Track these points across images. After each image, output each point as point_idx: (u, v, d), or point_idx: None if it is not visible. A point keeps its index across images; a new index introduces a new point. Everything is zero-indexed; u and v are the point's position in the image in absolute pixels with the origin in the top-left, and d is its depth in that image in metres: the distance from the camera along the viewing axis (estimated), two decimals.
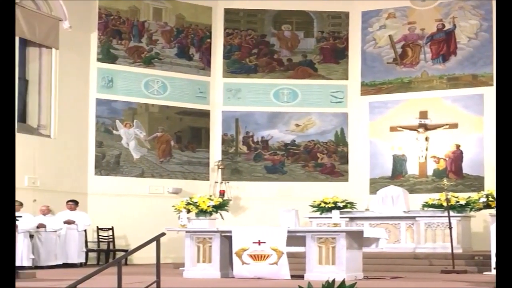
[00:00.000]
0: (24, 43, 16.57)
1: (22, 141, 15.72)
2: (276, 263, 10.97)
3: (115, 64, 18.14)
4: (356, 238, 11.11)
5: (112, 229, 17.14)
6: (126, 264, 15.58)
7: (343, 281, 5.66)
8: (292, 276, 10.90)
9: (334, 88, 19.48)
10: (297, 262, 11.45)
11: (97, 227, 16.99)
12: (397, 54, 19.16)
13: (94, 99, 17.79)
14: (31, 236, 14.64)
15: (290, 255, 11.13)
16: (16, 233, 11.39)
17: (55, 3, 16.89)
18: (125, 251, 16.30)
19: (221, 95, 19.34)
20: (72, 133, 17.10)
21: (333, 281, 5.65)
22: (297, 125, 19.36)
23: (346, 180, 19.03)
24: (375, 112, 19.03)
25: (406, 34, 19.16)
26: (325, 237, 10.87)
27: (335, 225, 11.30)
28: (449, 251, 12.99)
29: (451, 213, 13.75)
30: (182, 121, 18.85)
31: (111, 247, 17.01)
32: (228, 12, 19.56)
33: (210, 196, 15.28)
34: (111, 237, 17.11)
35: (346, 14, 19.62)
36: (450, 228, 13.14)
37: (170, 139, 18.65)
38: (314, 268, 10.78)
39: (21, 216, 12.01)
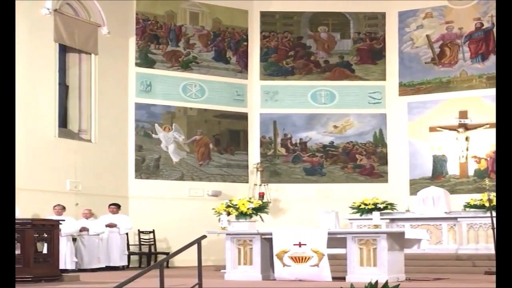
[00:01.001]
0: (64, 49, 16.79)
1: (63, 146, 15.98)
2: (317, 265, 10.94)
3: (153, 68, 18.30)
4: (397, 240, 11.04)
5: (153, 232, 17.28)
6: (167, 266, 15.70)
7: (386, 283, 5.63)
8: (334, 278, 10.87)
9: (372, 89, 19.41)
10: (338, 264, 11.42)
11: (139, 230, 17.14)
12: (435, 53, 19.02)
13: (133, 104, 17.96)
14: (74, 240, 14.86)
15: (331, 257, 11.10)
16: (60, 237, 11.50)
17: (93, 10, 17.09)
18: (166, 253, 16.43)
19: (259, 97, 19.38)
20: (112, 137, 17.27)
21: (376, 282, 5.62)
22: (335, 127, 19.31)
23: (386, 181, 18.94)
24: (414, 113, 18.91)
25: (443, 33, 19.01)
26: (366, 238, 10.81)
27: (376, 226, 11.27)
28: (493, 252, 12.84)
29: (494, 214, 13.59)
30: (220, 124, 18.93)
31: (152, 250, 17.14)
32: (264, 15, 19.61)
33: (250, 198, 15.30)
34: (152, 240, 17.24)
35: (383, 15, 19.53)
36: (493, 228, 12.99)
37: (209, 142, 18.75)
38: (355, 269, 10.73)
39: (64, 220, 12.17)
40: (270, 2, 19.52)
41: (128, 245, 16.43)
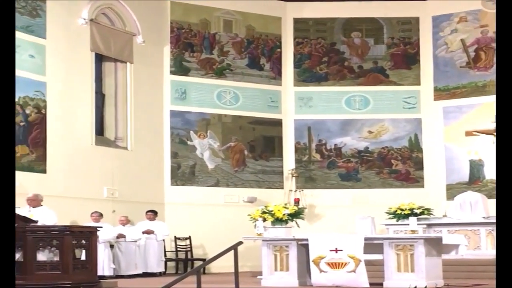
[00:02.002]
0: (100, 58, 16.97)
1: (100, 153, 16.14)
2: (354, 271, 10.91)
3: (188, 76, 18.43)
4: (435, 245, 10.96)
5: (189, 238, 17.37)
6: (204, 273, 15.75)
7: None
8: (371, 284, 10.83)
9: (407, 94, 19.32)
10: (374, 270, 11.36)
11: (175, 236, 17.24)
12: (470, 58, 18.87)
13: (168, 111, 18.09)
14: (112, 246, 14.96)
15: (368, 263, 11.05)
16: (97, 243, 11.61)
17: (129, 19, 17.28)
18: (203, 260, 16.49)
19: (293, 103, 19.40)
20: (148, 145, 17.41)
21: None
22: (370, 132, 19.25)
23: (422, 186, 18.82)
24: (450, 117, 18.78)
25: (478, 37, 18.86)
26: (403, 244, 10.76)
27: (413, 232, 11.19)
28: None
29: None
30: (255, 131, 18.98)
31: (189, 256, 17.23)
32: (297, 21, 19.63)
33: (285, 204, 15.29)
34: (189, 246, 17.32)
35: (416, 20, 19.45)
36: None
37: (244, 149, 18.80)
38: (392, 275, 10.68)
39: (101, 227, 12.24)
40: (303, 9, 19.54)
41: (165, 251, 16.51)
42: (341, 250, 11.01)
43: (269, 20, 19.45)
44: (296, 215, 14.24)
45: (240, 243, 9.71)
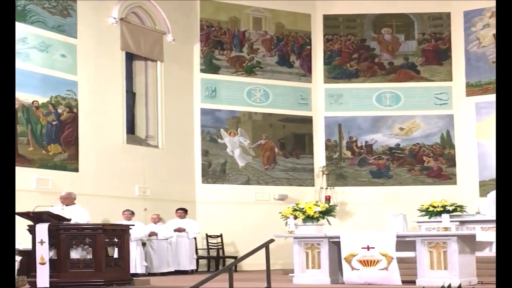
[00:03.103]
0: (131, 57, 17.06)
1: (131, 152, 16.23)
2: (386, 268, 10.83)
3: (218, 74, 18.46)
4: (468, 242, 10.84)
5: (221, 236, 17.39)
6: (235, 270, 15.73)
7: (459, 286, 5.57)
8: (403, 282, 10.74)
9: (438, 90, 19.16)
10: (407, 267, 11.28)
11: (206, 234, 17.27)
12: None
13: (199, 109, 18.14)
14: (144, 244, 15.04)
15: (400, 260, 10.97)
16: (129, 241, 11.67)
17: (158, 18, 17.34)
18: (234, 257, 16.49)
19: (323, 101, 19.33)
20: (179, 143, 17.47)
21: (449, 286, 5.57)
22: (401, 129, 19.12)
23: (454, 183, 18.64)
24: (482, 113, 18.56)
25: None
26: (436, 241, 10.64)
27: (446, 229, 11.11)
28: None
29: None
30: (285, 128, 18.96)
31: (220, 254, 17.25)
32: (327, 18, 19.56)
33: (316, 202, 15.26)
34: (220, 244, 17.35)
35: (448, 15, 19.27)
36: None
37: (274, 146, 18.79)
38: (425, 273, 10.58)
39: (133, 225, 12.29)
40: (332, 5, 19.45)
41: (196, 249, 16.56)
42: (373, 248, 10.93)
43: (298, 17, 19.40)
44: (327, 212, 14.21)
45: (272, 240, 9.69)
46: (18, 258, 8.82)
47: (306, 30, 19.45)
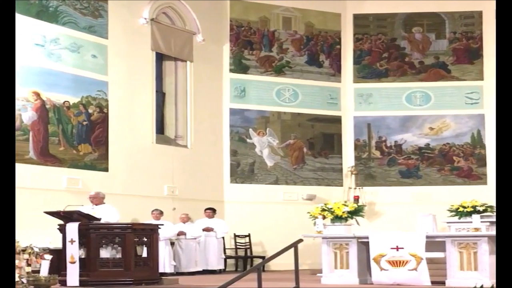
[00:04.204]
0: (161, 57, 17.16)
1: (160, 152, 16.32)
2: (415, 269, 10.77)
3: (247, 74, 18.49)
4: None
5: (249, 236, 17.42)
6: (263, 270, 15.75)
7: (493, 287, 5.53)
8: (433, 283, 10.68)
9: (469, 89, 18.99)
10: (436, 268, 11.21)
11: (234, 234, 17.31)
12: None
13: (228, 109, 18.19)
14: (172, 244, 15.10)
15: (429, 261, 10.91)
16: (158, 241, 11.74)
17: (189, 18, 17.41)
18: (262, 257, 16.53)
19: (352, 100, 19.27)
20: (208, 143, 17.53)
21: (481, 287, 5.53)
22: (431, 128, 18.99)
23: (485, 183, 18.45)
24: None
25: None
26: (466, 242, 10.56)
27: (476, 229, 10.99)
28: None
29: None
30: (314, 128, 18.93)
31: (248, 253, 17.28)
32: (357, 17, 19.49)
33: (345, 202, 15.21)
34: (248, 243, 17.38)
35: (479, 13, 19.09)
36: None
37: (303, 146, 18.78)
38: (455, 274, 10.51)
39: (162, 224, 12.37)
40: (363, 5, 19.38)
41: (224, 249, 16.61)
42: (402, 248, 10.88)
43: (328, 17, 19.36)
44: (356, 212, 14.16)
45: (301, 240, 9.68)
46: (48, 257, 8.92)
47: (336, 29, 19.41)
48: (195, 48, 17.45)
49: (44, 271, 9.75)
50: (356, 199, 18.17)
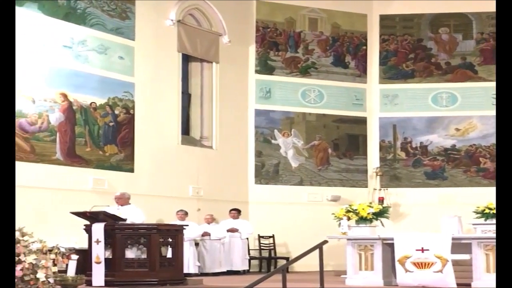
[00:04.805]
0: (187, 59, 17.24)
1: (186, 152, 16.41)
2: (441, 271, 10.73)
3: (273, 75, 18.52)
4: None
5: (273, 237, 17.44)
6: (287, 271, 15.75)
7: None
8: (458, 285, 10.63)
9: None
10: (462, 270, 11.16)
11: (259, 235, 17.34)
12: None
13: (253, 110, 18.23)
14: (197, 244, 15.16)
15: (454, 263, 10.86)
16: (183, 241, 11.80)
17: (215, 19, 17.48)
18: (286, 258, 16.55)
19: (378, 101, 19.22)
20: (233, 144, 17.58)
21: None
22: (457, 129, 18.87)
23: None
24: None
25: None
26: (493, 244, 10.50)
27: None
28: None
29: None
30: (339, 129, 18.91)
31: (272, 254, 17.29)
32: (383, 18, 19.43)
33: (370, 203, 15.16)
34: (272, 244, 17.39)
35: None
36: None
37: (328, 147, 18.76)
38: (481, 276, 10.45)
39: (187, 225, 12.41)
40: (389, 5, 19.32)
41: (248, 249, 16.64)
42: (428, 250, 10.84)
43: (354, 18, 19.33)
44: (381, 214, 14.09)
45: (326, 242, 9.69)
46: (75, 257, 9.02)
47: (362, 30, 19.36)
48: (221, 49, 17.51)
49: (71, 271, 9.85)
50: (381, 200, 18.10)
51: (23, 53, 13.14)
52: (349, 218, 13.75)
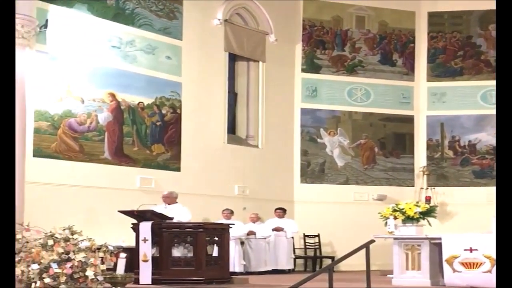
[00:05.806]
0: (233, 58, 17.31)
1: (232, 152, 16.48)
2: (489, 271, 10.58)
3: (319, 74, 18.48)
4: None
5: (318, 236, 17.41)
6: (333, 270, 15.71)
7: None
8: None
9: None
10: None
11: (304, 234, 17.33)
12: None
13: (299, 109, 18.22)
14: (242, 243, 15.19)
15: None
16: (229, 240, 11.86)
17: (262, 18, 17.52)
18: (331, 258, 16.52)
19: (425, 99, 19.04)
20: (278, 143, 17.60)
21: None
22: None
23: None
24: None
25: None
26: None
27: None
28: None
29: None
30: (385, 128, 18.79)
31: (317, 253, 17.27)
32: (432, 15, 19.24)
33: (417, 202, 15.03)
34: (317, 244, 17.37)
35: None
36: None
37: (374, 146, 18.66)
38: None
39: (233, 224, 12.46)
40: (437, 3, 19.11)
41: (294, 248, 16.64)
42: (476, 250, 10.71)
43: (402, 15, 19.17)
44: (428, 213, 13.96)
45: (372, 241, 9.63)
46: (123, 255, 9.13)
47: (410, 27, 19.20)
48: (267, 48, 17.55)
49: (120, 269, 9.98)
50: (428, 199, 17.94)
51: (72, 54, 13.37)
52: (395, 218, 13.66)
